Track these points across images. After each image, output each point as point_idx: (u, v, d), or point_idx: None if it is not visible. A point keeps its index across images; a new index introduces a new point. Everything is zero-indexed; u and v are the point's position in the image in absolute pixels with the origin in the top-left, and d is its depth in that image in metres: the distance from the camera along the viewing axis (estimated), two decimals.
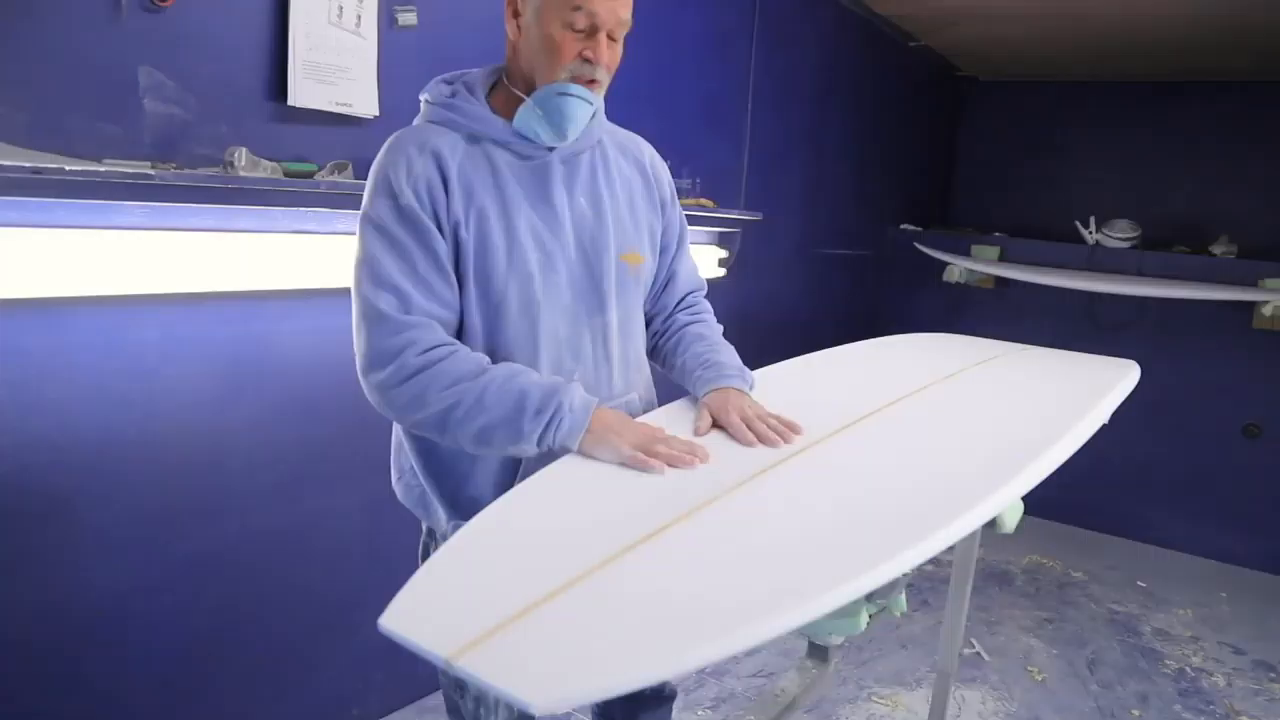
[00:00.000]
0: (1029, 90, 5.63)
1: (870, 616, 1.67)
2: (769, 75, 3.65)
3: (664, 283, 1.60)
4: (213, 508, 2.01)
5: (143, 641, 1.94)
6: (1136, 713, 2.95)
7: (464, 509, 1.38)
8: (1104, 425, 1.87)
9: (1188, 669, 3.30)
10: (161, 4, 1.76)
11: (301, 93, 1.97)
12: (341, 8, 2.03)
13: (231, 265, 1.89)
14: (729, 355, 1.54)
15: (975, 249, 5.00)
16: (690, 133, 3.21)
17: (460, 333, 1.35)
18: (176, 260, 1.79)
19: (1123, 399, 2.06)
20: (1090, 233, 4.82)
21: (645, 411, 1.53)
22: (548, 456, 1.28)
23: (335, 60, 2.03)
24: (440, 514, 1.44)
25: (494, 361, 1.31)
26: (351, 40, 2.06)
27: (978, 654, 3.26)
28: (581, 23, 1.27)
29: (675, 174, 2.18)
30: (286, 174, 1.90)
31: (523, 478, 1.29)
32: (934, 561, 3.80)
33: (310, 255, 2.03)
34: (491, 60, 1.46)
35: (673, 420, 1.44)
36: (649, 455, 1.22)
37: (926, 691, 2.94)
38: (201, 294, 1.88)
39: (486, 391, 1.24)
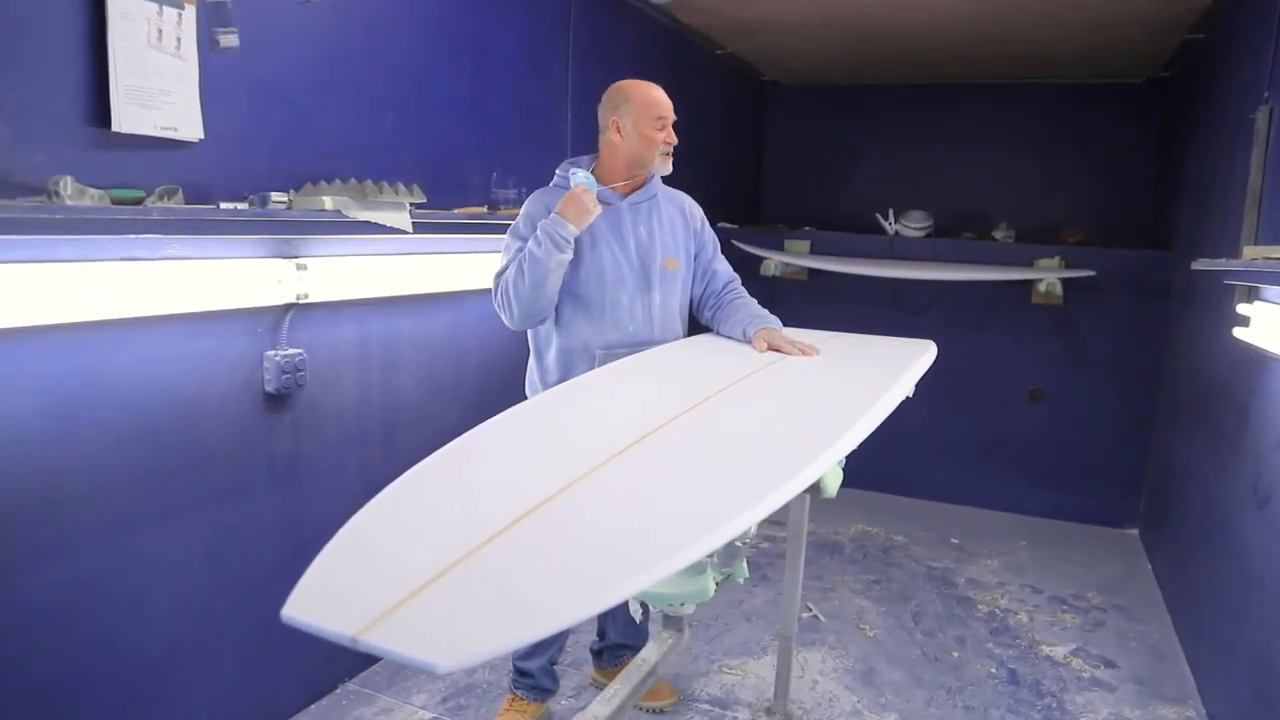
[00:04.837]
0: (827, 93, 6.04)
1: (717, 585, 1.83)
2: (587, 86, 3.78)
3: (709, 277, 2.59)
4: (44, 551, 1.93)
5: None
6: (956, 654, 3.28)
7: (543, 386, 2.42)
8: (908, 398, 2.11)
9: (996, 611, 3.69)
10: None
11: (125, 118, 1.93)
12: (161, 30, 2.00)
13: (56, 296, 1.83)
14: (764, 311, 2.52)
15: (788, 244, 5.32)
16: (513, 144, 3.32)
17: (573, 297, 2.36)
18: None
19: (923, 373, 2.32)
20: (889, 224, 5.25)
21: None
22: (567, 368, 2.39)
23: (157, 84, 2.00)
24: (539, 389, 2.44)
25: (578, 310, 2.37)
26: (172, 63, 2.04)
27: (815, 617, 3.52)
28: (663, 123, 2.44)
29: (499, 185, 3.25)
30: (114, 201, 1.86)
31: (563, 375, 2.37)
32: (769, 538, 4.06)
33: (142, 282, 1.99)
34: (310, 73, 2.46)
35: (687, 348, 2.41)
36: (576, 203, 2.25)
37: (772, 658, 3.16)
38: (24, 328, 1.81)
39: (521, 266, 2.23)
